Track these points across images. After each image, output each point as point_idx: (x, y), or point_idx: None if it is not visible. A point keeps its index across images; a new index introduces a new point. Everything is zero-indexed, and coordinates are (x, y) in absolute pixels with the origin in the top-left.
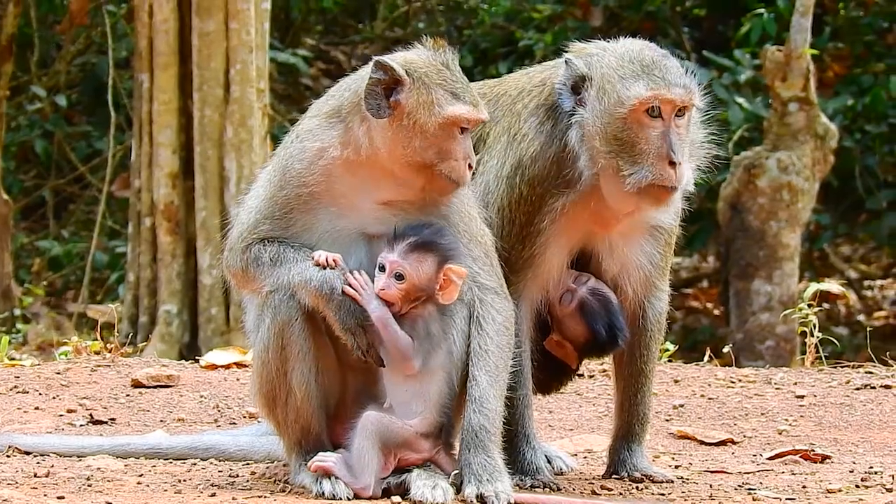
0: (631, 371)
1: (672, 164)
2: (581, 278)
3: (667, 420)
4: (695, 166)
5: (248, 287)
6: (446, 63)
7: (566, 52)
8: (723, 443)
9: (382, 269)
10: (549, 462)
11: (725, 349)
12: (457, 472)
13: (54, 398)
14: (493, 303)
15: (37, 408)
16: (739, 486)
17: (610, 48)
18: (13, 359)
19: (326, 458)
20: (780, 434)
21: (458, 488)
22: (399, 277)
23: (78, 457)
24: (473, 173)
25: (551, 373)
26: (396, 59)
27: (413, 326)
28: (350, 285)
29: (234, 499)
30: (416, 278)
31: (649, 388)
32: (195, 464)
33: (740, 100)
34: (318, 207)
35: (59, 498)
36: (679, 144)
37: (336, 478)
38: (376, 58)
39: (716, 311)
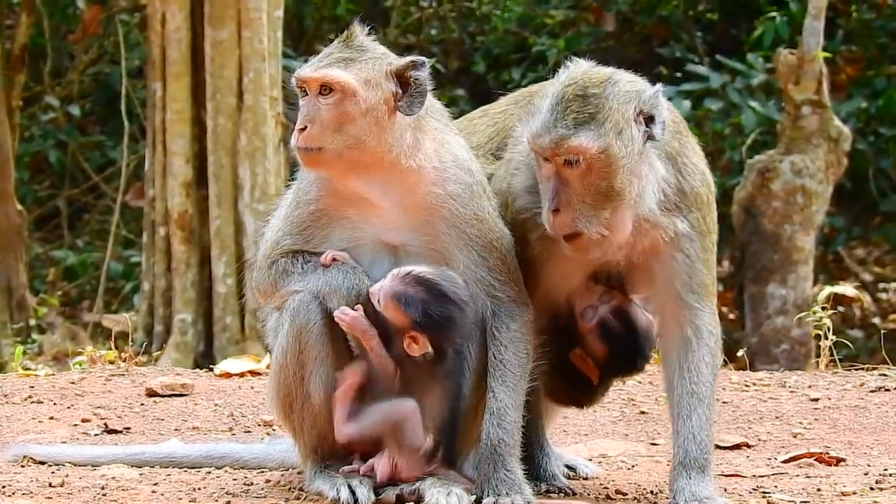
0: (681, 392)
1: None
2: (605, 296)
3: None
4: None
5: (277, 302)
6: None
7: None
8: (737, 446)
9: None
10: (571, 469)
11: (740, 353)
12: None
13: (69, 408)
14: (508, 311)
15: (52, 417)
16: (754, 489)
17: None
18: (28, 369)
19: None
20: (794, 437)
21: (478, 502)
22: (378, 301)
23: (93, 466)
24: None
25: (582, 387)
26: None
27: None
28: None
29: None
30: (385, 316)
31: (704, 411)
32: (210, 472)
33: (753, 103)
34: (330, 222)
35: None
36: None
37: (360, 481)
38: None
39: (731, 315)
